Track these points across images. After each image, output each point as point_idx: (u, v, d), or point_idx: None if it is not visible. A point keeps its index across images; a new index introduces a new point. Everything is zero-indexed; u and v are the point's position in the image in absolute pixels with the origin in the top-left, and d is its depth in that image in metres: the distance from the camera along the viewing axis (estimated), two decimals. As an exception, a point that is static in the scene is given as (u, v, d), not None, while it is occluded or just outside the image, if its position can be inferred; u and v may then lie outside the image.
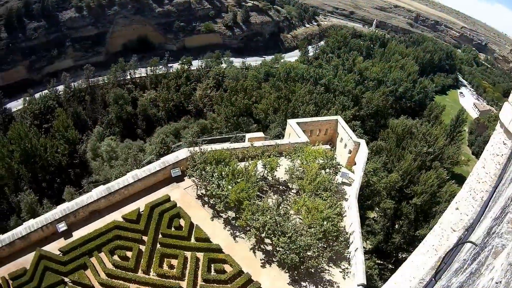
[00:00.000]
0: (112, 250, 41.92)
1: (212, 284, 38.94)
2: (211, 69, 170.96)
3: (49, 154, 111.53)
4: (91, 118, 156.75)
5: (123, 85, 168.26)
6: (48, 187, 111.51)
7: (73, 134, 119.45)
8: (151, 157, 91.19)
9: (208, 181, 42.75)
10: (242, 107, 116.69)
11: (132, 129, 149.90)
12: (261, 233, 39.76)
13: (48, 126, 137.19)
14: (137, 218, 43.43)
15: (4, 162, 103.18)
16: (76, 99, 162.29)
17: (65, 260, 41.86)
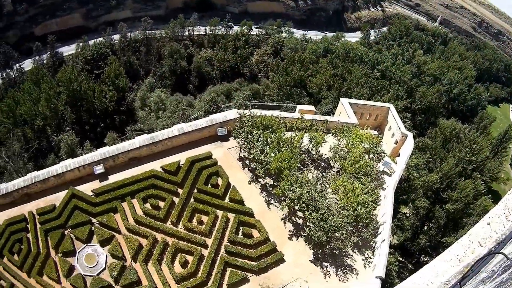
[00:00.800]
0: (145, 198, 42.73)
1: (237, 246, 39.41)
2: (271, 36, 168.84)
3: (96, 99, 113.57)
4: (143, 69, 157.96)
5: (180, 41, 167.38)
6: (91, 131, 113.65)
7: (124, 82, 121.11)
8: (199, 114, 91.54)
9: (252, 145, 42.77)
10: (297, 78, 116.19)
11: (183, 84, 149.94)
12: (295, 205, 39.82)
13: (99, 72, 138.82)
14: (176, 171, 43.83)
15: (50, 103, 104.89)
16: (130, 49, 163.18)
17: (96, 202, 42.90)
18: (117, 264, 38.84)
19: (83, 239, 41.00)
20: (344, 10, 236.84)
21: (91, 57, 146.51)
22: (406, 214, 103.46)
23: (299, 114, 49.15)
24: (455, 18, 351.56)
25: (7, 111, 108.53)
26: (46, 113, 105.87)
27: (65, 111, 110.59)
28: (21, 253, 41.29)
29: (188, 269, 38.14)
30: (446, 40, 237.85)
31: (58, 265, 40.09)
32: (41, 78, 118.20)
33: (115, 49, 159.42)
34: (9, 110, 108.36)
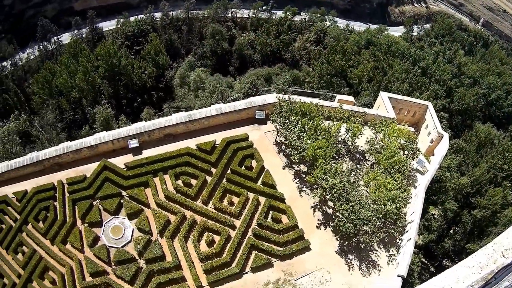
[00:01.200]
0: (177, 175, 42.97)
1: (265, 230, 39.43)
2: (314, 24, 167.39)
3: (135, 74, 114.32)
4: (184, 48, 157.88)
5: (222, 22, 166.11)
6: (127, 105, 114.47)
7: (164, 60, 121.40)
8: (238, 95, 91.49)
9: (289, 131, 42.49)
10: (338, 68, 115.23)
11: (224, 65, 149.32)
12: (327, 194, 39.55)
13: (139, 49, 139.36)
14: (211, 150, 43.97)
15: (87, 76, 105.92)
16: (172, 27, 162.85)
17: (127, 175, 43.34)
18: (143, 238, 39.25)
19: (111, 211, 41.88)
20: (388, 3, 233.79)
21: (131, 33, 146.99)
22: (434, 215, 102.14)
23: (338, 104, 48.67)
24: (497, 22, 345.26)
25: (43, 82, 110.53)
26: (83, 85, 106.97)
27: (103, 85, 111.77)
28: (47, 221, 42.34)
29: (214, 248, 38.35)
30: (487, 43, 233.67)
31: (83, 235, 40.93)
32: (79, 51, 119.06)
33: (156, 26, 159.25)
34: (45, 81, 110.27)
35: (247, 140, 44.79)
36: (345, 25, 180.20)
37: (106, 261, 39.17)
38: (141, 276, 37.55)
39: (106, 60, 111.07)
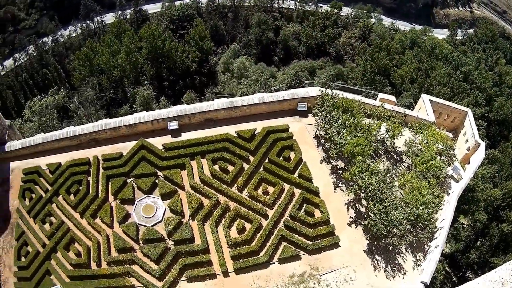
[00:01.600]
0: (215, 160, 43.16)
1: (296, 222, 39.35)
2: (360, 20, 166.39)
3: (178, 58, 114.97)
4: (229, 35, 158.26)
5: (268, 12, 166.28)
6: (169, 88, 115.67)
7: (208, 45, 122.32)
8: (281, 86, 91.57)
9: (330, 125, 42.27)
10: (382, 66, 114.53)
11: (268, 55, 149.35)
12: (362, 192, 39.27)
13: (183, 33, 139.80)
14: (250, 138, 43.97)
15: (130, 56, 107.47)
16: (217, 14, 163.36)
17: (165, 156, 43.66)
18: (174, 219, 39.60)
19: (145, 190, 42.45)
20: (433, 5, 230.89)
21: (176, 17, 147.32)
22: (463, 224, 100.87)
23: (380, 102, 48.24)
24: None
25: (84, 60, 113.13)
26: (125, 65, 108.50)
27: (145, 66, 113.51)
28: (78, 194, 43.13)
29: (244, 236, 38.49)
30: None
31: (114, 211, 41.69)
32: (122, 32, 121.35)
33: (201, 12, 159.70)
34: (87, 59, 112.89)
35: (287, 131, 44.63)
36: (390, 24, 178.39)
37: (135, 239, 39.69)
38: (168, 256, 37.97)
39: (150, 42, 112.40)
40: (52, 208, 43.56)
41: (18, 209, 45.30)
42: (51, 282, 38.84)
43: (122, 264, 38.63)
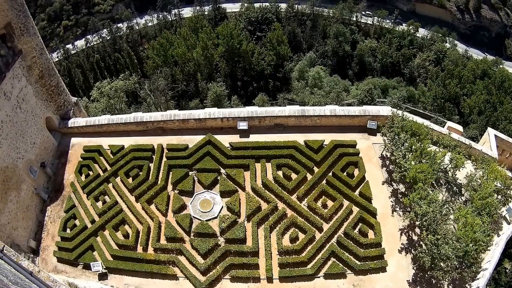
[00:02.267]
0: (280, 165, 43.25)
1: (349, 240, 38.79)
2: (435, 43, 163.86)
3: (254, 59, 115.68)
4: (306, 43, 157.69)
5: (346, 24, 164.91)
6: (242, 88, 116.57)
7: (285, 50, 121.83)
8: (353, 101, 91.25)
9: (397, 147, 41.84)
10: (452, 93, 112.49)
11: (343, 68, 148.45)
12: (417, 220, 38.64)
13: (261, 35, 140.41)
14: (318, 149, 43.80)
15: (206, 52, 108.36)
16: (296, 21, 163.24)
17: (230, 154, 43.95)
18: (230, 218, 39.88)
19: (205, 185, 43.01)
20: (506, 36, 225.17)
21: (254, 19, 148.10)
22: (507, 269, 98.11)
23: (447, 131, 47.54)
24: None
25: (159, 49, 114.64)
26: (200, 60, 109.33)
27: (220, 63, 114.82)
28: (137, 178, 44.36)
29: (296, 245, 38.27)
30: None
31: (170, 200, 42.51)
32: (200, 27, 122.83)
33: (280, 17, 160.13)
34: (162, 49, 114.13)
35: (354, 147, 44.31)
36: (463, 51, 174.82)
37: (187, 230, 40.21)
38: (216, 253, 38.21)
39: (227, 41, 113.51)
40: (108, 188, 44.90)
41: (73, 183, 46.79)
42: (92, 258, 40.19)
43: (169, 252, 39.28)
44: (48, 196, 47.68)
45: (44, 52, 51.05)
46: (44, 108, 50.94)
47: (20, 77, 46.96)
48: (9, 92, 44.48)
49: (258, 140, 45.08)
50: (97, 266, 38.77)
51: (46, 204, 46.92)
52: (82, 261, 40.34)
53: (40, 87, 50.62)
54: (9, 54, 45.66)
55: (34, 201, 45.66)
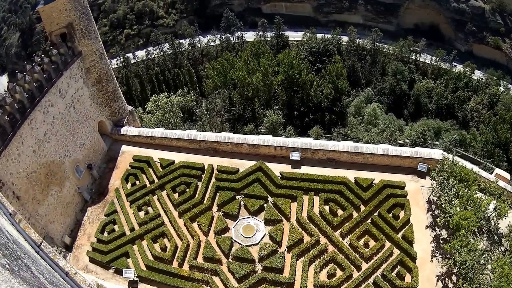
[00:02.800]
0: (327, 200, 43.19)
1: (386, 282, 38.16)
2: (489, 86, 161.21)
3: (312, 91, 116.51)
4: (365, 78, 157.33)
5: (405, 62, 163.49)
6: (298, 118, 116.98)
7: (344, 84, 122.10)
8: (406, 141, 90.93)
9: (444, 192, 41.53)
10: (503, 139, 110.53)
11: (399, 107, 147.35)
12: (455, 267, 38.23)
13: (320, 67, 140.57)
14: (367, 187, 43.50)
15: (265, 78, 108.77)
16: (356, 55, 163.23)
17: (279, 183, 44.18)
18: (271, 246, 40.05)
19: (251, 211, 43.28)
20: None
21: (316, 50, 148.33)
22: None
23: (495, 178, 46.91)
24: None
25: (219, 70, 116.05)
26: (259, 85, 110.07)
27: (279, 91, 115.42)
28: (183, 195, 45.88)
29: (332, 281, 37.90)
30: None
31: (214, 221, 43.31)
32: (261, 53, 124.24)
33: (341, 50, 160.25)
34: (222, 69, 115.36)
35: (402, 189, 43.78)
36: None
37: (225, 253, 40.44)
38: (252, 279, 38.13)
39: (287, 69, 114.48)
40: (153, 200, 46.09)
41: (118, 189, 48.38)
42: (126, 264, 41.13)
43: (204, 272, 39.52)
44: (90, 197, 49.44)
45: (104, 57, 52.93)
46: (98, 112, 52.80)
47: (77, 78, 48.86)
48: (65, 90, 46.27)
49: (309, 173, 45.03)
50: (129, 273, 39.64)
51: (87, 204, 48.68)
52: (114, 265, 41.39)
53: (96, 91, 52.49)
54: (68, 53, 47.38)
55: (76, 200, 47.56)
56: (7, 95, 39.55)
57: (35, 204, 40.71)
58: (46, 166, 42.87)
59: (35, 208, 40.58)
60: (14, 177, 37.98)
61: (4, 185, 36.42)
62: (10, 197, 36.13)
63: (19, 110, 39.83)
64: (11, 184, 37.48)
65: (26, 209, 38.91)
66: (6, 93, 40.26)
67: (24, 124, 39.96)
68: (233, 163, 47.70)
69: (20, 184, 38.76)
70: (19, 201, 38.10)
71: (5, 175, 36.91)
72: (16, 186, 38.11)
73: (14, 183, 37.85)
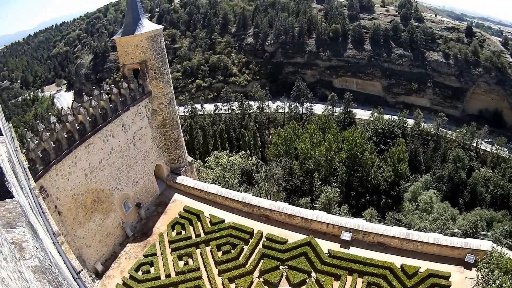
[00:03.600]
0: (370, 283, 41.89)
1: None
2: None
3: (372, 172, 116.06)
4: (426, 164, 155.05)
5: (467, 150, 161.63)
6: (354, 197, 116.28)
7: (404, 169, 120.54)
8: (457, 231, 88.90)
9: (488, 284, 40.49)
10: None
11: (455, 195, 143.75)
12: None
13: (384, 149, 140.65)
14: (412, 275, 42.44)
15: (328, 153, 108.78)
16: (420, 139, 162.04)
17: (326, 261, 43.73)
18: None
19: (292, 282, 42.19)
20: None
21: (381, 131, 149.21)
22: None
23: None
24: None
25: (284, 138, 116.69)
26: (321, 160, 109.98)
27: (339, 168, 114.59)
28: (227, 254, 45.85)
29: None
30: None
31: (252, 286, 42.37)
32: (328, 127, 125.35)
33: (405, 133, 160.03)
34: (288, 138, 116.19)
35: (447, 279, 42.37)
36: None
37: (258, 318, 39.88)
38: None
39: (351, 148, 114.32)
40: (195, 253, 46.41)
41: (162, 234, 49.08)
42: None
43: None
44: (133, 234, 50.23)
45: (172, 102, 54.43)
46: (158, 155, 54.07)
47: (143, 117, 50.33)
48: (128, 125, 47.63)
49: (357, 254, 44.50)
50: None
51: (128, 240, 49.39)
52: (142, 305, 41.17)
53: (159, 134, 53.83)
54: (138, 90, 49.02)
55: (117, 233, 48.43)
56: (70, 113, 41.27)
57: (75, 225, 41.59)
58: (95, 192, 43.97)
59: (74, 228, 41.44)
60: (60, 193, 38.82)
61: (49, 196, 37.14)
62: (51, 209, 36.83)
63: (79, 131, 41.19)
64: (55, 198, 38.26)
65: (65, 226, 39.69)
66: (69, 111, 41.95)
67: (81, 146, 41.43)
68: (283, 233, 47.81)
69: (64, 201, 39.60)
70: (59, 216, 38.81)
71: (52, 188, 37.69)
72: (60, 201, 38.92)
73: (58, 198, 38.66)
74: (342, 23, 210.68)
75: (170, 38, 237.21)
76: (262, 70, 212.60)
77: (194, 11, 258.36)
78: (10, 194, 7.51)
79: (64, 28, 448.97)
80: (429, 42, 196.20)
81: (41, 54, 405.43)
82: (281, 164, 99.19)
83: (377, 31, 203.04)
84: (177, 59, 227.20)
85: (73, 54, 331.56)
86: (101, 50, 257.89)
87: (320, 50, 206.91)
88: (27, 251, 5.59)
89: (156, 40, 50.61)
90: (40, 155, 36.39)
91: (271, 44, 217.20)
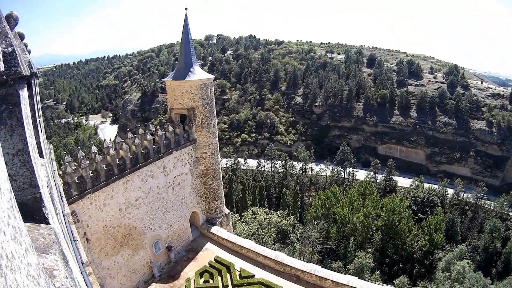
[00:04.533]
0: None
1: None
2: None
3: (408, 240, 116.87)
4: (462, 234, 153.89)
5: (504, 219, 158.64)
6: (388, 265, 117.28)
7: (440, 239, 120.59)
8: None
9: None
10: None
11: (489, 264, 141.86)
12: None
13: (422, 218, 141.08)
14: None
15: (366, 220, 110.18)
16: (458, 209, 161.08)
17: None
18: None
19: None
20: None
21: (420, 200, 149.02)
22: None
23: None
24: None
25: (324, 201, 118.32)
26: (358, 226, 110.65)
27: (376, 235, 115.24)
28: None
29: None
30: None
31: None
32: (368, 194, 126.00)
33: (444, 202, 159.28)
34: (327, 202, 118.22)
35: None
36: None
37: None
38: None
39: (389, 215, 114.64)
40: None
41: (189, 279, 47.77)
42: None
43: None
44: (159, 275, 49.50)
45: (216, 153, 55.87)
46: (196, 203, 55.25)
47: (185, 163, 51.98)
48: (169, 169, 49.22)
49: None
50: None
51: (154, 280, 48.61)
52: None
53: (199, 183, 55.13)
54: (183, 136, 50.74)
55: (144, 271, 48.14)
56: (112, 146, 41.93)
57: (102, 254, 41.65)
58: (127, 228, 44.41)
59: (100, 257, 41.46)
60: (91, 221, 39.40)
61: (79, 221, 37.69)
62: (80, 234, 37.04)
63: (118, 166, 41.89)
64: (86, 225, 38.84)
65: (91, 254, 39.77)
66: (111, 144, 42.66)
67: (120, 181, 42.11)
68: (304, 297, 45.79)
69: (94, 229, 40.03)
70: (87, 243, 39.12)
71: (83, 215, 38.32)
72: (90, 229, 39.39)
73: (89, 226, 39.21)
74: (390, 88, 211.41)
75: (220, 89, 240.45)
76: (309, 131, 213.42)
77: (246, 64, 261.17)
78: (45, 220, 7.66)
79: (116, 61, 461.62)
80: (473, 110, 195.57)
81: (90, 82, 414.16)
82: (318, 226, 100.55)
83: (424, 98, 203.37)
84: (225, 111, 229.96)
85: (122, 89, 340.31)
86: (150, 90, 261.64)
87: (367, 115, 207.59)
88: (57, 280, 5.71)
89: (206, 89, 51.62)
90: (77, 181, 37.22)
91: (319, 106, 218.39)
